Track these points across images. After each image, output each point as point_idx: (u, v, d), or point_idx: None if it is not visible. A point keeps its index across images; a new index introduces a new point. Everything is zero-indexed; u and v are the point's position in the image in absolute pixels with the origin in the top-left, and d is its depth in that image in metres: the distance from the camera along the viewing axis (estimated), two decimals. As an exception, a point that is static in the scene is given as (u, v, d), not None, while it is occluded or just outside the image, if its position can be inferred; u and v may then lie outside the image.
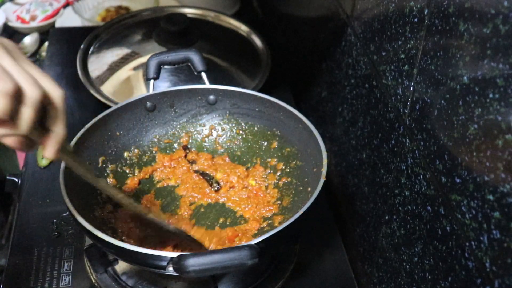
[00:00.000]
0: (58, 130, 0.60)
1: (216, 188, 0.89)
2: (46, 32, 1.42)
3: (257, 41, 1.24)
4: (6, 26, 1.47)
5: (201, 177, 0.91)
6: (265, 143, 0.93)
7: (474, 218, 0.51)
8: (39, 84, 0.56)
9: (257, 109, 0.92)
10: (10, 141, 0.58)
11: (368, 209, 0.83)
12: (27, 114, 0.55)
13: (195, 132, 0.96)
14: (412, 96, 0.65)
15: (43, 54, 1.39)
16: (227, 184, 0.90)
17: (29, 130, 0.56)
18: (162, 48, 1.12)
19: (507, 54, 0.45)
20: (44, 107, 0.58)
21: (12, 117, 0.54)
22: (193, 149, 0.95)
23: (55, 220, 0.91)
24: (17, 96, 0.54)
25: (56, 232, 0.89)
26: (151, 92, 0.90)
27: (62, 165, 0.74)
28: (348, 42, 0.88)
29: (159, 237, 0.79)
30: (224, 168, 0.91)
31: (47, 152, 0.61)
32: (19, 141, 0.58)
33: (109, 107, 0.89)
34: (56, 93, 0.57)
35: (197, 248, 0.78)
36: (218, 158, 0.94)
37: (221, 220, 0.85)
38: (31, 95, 0.54)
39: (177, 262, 0.62)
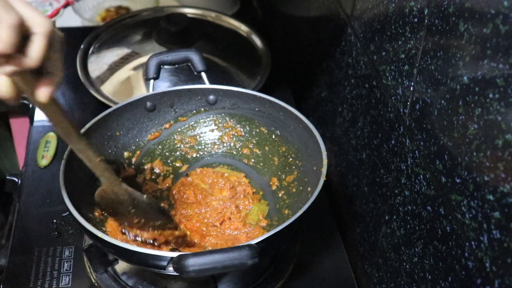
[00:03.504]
0: (55, 72, 0.58)
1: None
2: (46, 32, 1.42)
3: (257, 41, 1.24)
4: (6, 26, 1.47)
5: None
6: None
7: (474, 218, 0.51)
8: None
9: (257, 109, 0.92)
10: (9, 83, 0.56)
11: (368, 209, 0.83)
12: (40, 43, 0.54)
13: (195, 132, 0.96)
14: (412, 96, 0.65)
15: (43, 54, 1.38)
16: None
17: (41, 62, 0.55)
18: (162, 48, 1.12)
19: (507, 54, 0.45)
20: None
21: (19, 50, 0.53)
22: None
23: (55, 220, 0.91)
24: (22, 28, 0.52)
25: (56, 232, 0.89)
26: (151, 92, 0.90)
27: (62, 165, 0.74)
28: (348, 42, 0.88)
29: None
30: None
31: (42, 93, 0.59)
32: (19, 80, 0.56)
33: (109, 107, 0.89)
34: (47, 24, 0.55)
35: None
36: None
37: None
38: (43, 23, 0.53)
39: (177, 262, 0.62)
